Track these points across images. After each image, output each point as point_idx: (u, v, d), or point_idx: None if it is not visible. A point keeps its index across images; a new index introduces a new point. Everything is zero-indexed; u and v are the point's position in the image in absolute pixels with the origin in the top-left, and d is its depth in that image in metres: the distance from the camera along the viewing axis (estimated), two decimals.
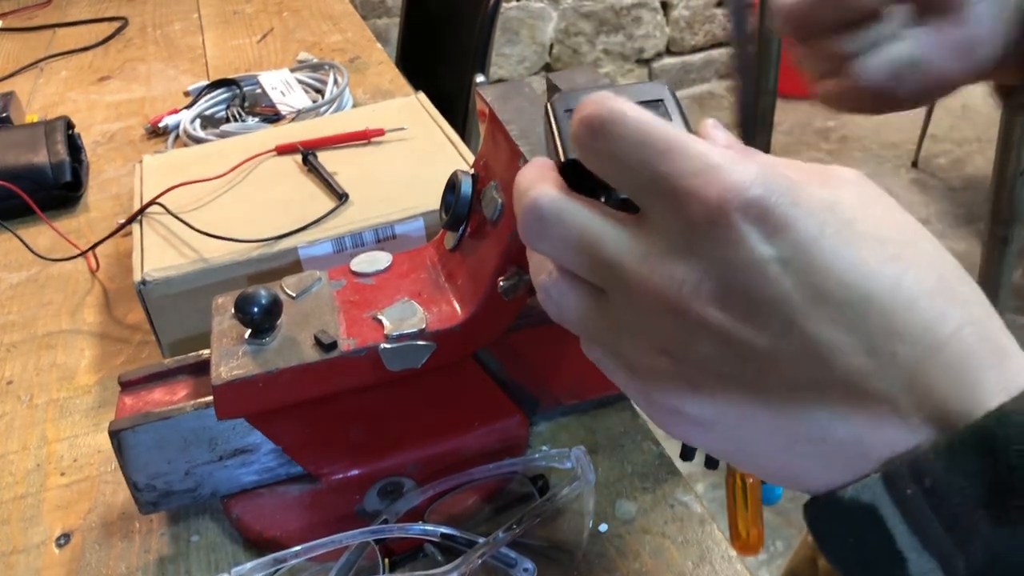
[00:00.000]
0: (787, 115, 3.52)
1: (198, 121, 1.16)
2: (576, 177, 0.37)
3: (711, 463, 0.49)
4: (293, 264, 0.71)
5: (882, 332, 0.31)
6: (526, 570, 0.49)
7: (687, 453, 0.51)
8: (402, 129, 0.88)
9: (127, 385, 0.58)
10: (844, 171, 0.35)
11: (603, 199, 0.36)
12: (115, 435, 0.53)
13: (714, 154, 0.32)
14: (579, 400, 0.63)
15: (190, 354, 0.60)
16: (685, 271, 0.32)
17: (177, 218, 0.75)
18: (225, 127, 1.13)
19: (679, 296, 0.32)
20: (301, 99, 1.18)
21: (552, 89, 0.51)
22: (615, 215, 0.35)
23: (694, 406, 0.34)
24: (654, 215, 0.33)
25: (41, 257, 0.90)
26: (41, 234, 0.96)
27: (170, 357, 0.73)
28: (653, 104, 0.38)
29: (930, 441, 0.31)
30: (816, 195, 0.32)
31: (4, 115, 1.21)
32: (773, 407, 0.32)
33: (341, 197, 0.75)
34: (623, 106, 0.34)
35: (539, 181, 0.37)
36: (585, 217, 0.35)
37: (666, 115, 0.38)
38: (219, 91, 1.21)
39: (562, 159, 0.38)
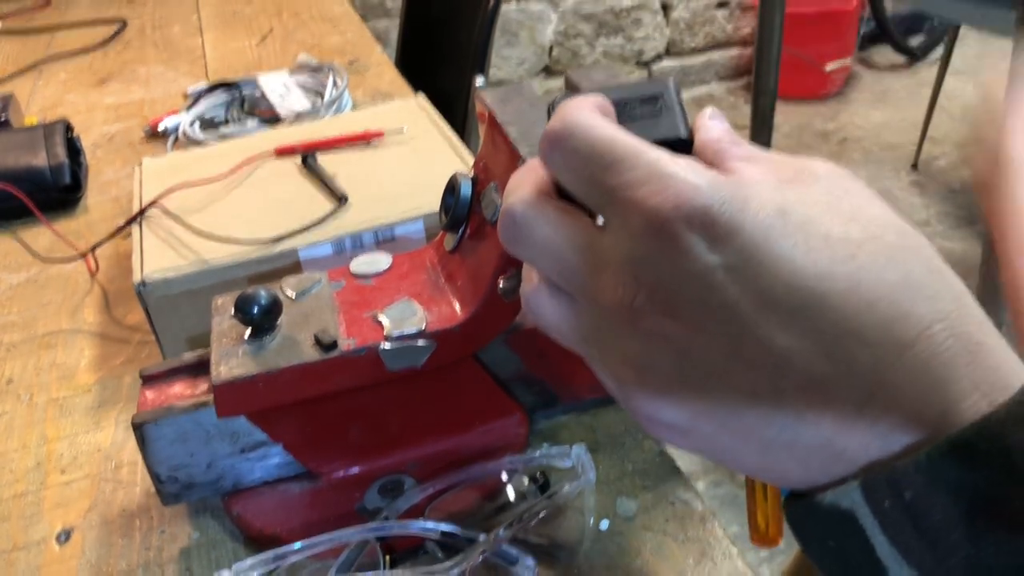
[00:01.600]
0: (787, 117, 3.52)
1: (197, 123, 1.16)
2: None
3: None
4: (293, 266, 0.72)
5: (837, 335, 0.30)
6: (527, 567, 0.49)
7: None
8: (402, 131, 0.88)
9: (149, 379, 0.58)
10: (817, 164, 0.34)
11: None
12: (138, 428, 0.53)
13: (662, 164, 0.32)
14: (599, 396, 0.63)
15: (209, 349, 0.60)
16: (636, 281, 0.32)
17: (177, 220, 0.75)
18: (224, 129, 1.13)
19: (632, 308, 0.33)
20: (300, 101, 1.18)
21: (570, 86, 0.52)
22: (584, 224, 0.35)
23: (665, 413, 0.34)
24: (610, 225, 0.34)
25: (41, 259, 0.90)
26: (41, 236, 0.96)
27: (170, 357, 0.73)
28: (651, 100, 0.38)
29: (907, 452, 0.30)
30: (767, 198, 0.31)
31: (3, 117, 1.21)
32: (739, 413, 0.32)
33: (340, 199, 0.76)
34: (583, 119, 0.34)
35: (519, 186, 0.37)
36: (552, 225, 0.35)
37: (662, 111, 0.38)
38: (218, 93, 1.21)
39: None
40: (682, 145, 0.37)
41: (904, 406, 0.30)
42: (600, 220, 0.35)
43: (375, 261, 0.59)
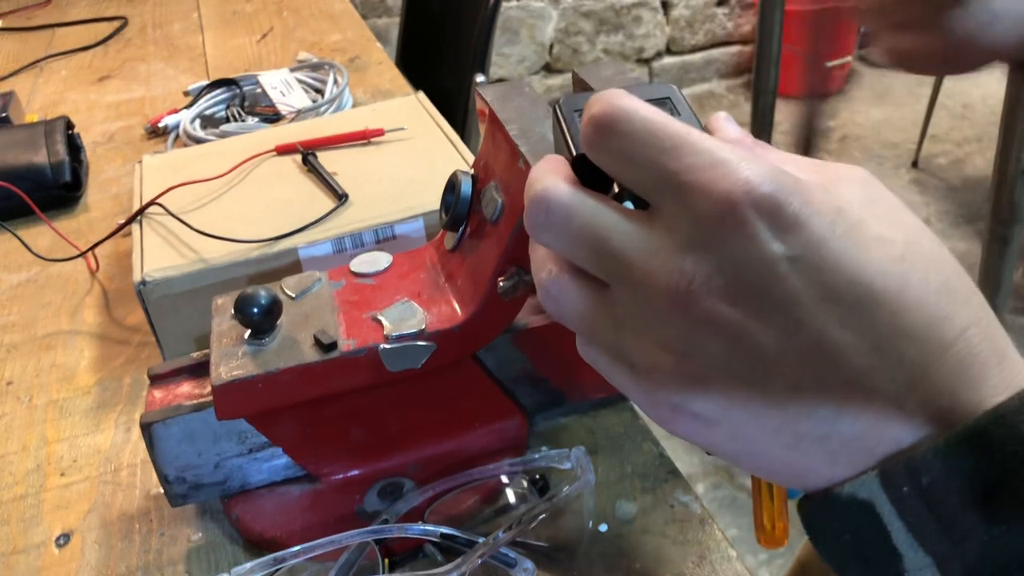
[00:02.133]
0: (788, 115, 3.52)
1: (198, 121, 1.16)
2: (587, 173, 0.37)
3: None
4: (293, 264, 0.71)
5: (889, 332, 0.31)
6: (526, 570, 0.49)
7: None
8: (402, 129, 0.87)
9: (156, 379, 0.58)
10: (850, 170, 0.35)
11: (613, 195, 0.37)
12: (146, 428, 0.53)
13: (723, 150, 0.32)
14: (606, 395, 0.63)
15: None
16: (694, 266, 0.32)
17: (177, 218, 0.75)
18: (225, 127, 1.13)
19: (688, 291, 0.32)
20: (301, 99, 1.18)
21: (577, 82, 0.51)
22: (624, 210, 0.35)
23: (698, 403, 0.34)
24: (664, 211, 0.33)
25: (41, 257, 0.90)
26: (41, 234, 0.96)
27: (170, 358, 0.73)
28: (660, 102, 0.38)
29: (927, 440, 0.31)
30: (824, 196, 0.32)
31: (4, 115, 1.21)
32: (779, 404, 0.32)
33: (341, 197, 0.75)
34: (631, 103, 0.34)
35: (548, 174, 0.37)
36: (593, 209, 0.35)
37: (674, 112, 0.38)
38: (219, 91, 1.21)
39: (573, 155, 0.38)
40: None
41: (941, 403, 0.31)
42: (649, 208, 0.34)
43: (375, 260, 0.59)
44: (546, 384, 0.61)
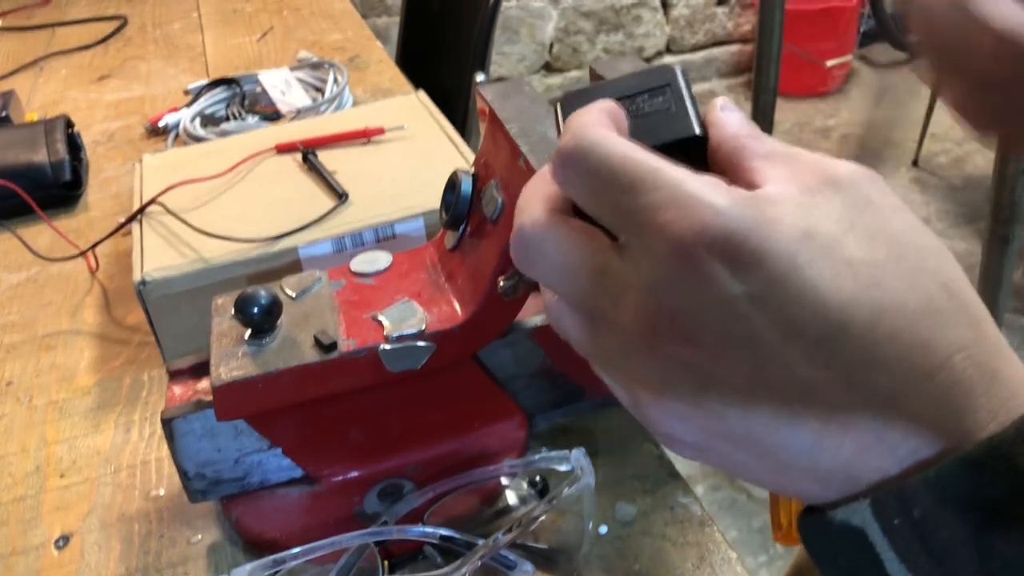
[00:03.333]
0: (787, 114, 3.51)
1: (198, 120, 1.16)
2: None
3: None
4: (293, 264, 0.71)
5: (860, 364, 0.30)
6: (526, 572, 0.49)
7: None
8: (402, 128, 0.87)
9: (176, 374, 0.58)
10: (840, 167, 0.33)
11: None
12: (167, 423, 0.53)
13: (685, 185, 0.31)
14: None
15: None
16: (658, 307, 0.32)
17: (177, 217, 0.75)
18: (225, 126, 1.13)
19: (654, 331, 0.32)
20: (301, 98, 1.18)
21: (595, 77, 0.51)
22: (600, 244, 0.34)
23: (683, 433, 0.33)
24: (630, 247, 0.33)
25: (41, 257, 0.89)
26: (41, 234, 0.96)
27: (170, 358, 0.73)
28: (660, 90, 0.37)
29: (917, 469, 0.30)
30: (792, 220, 0.30)
31: (4, 114, 1.21)
32: (755, 438, 0.32)
33: (341, 196, 0.75)
34: (597, 137, 0.33)
35: (530, 204, 0.36)
36: (566, 247, 0.34)
37: (672, 104, 0.37)
38: (219, 90, 1.21)
39: None
40: (696, 143, 0.36)
41: (923, 434, 0.30)
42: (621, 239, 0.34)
43: (375, 259, 0.59)
44: (565, 380, 0.61)
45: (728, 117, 0.36)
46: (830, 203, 0.32)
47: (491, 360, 0.58)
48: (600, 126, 0.34)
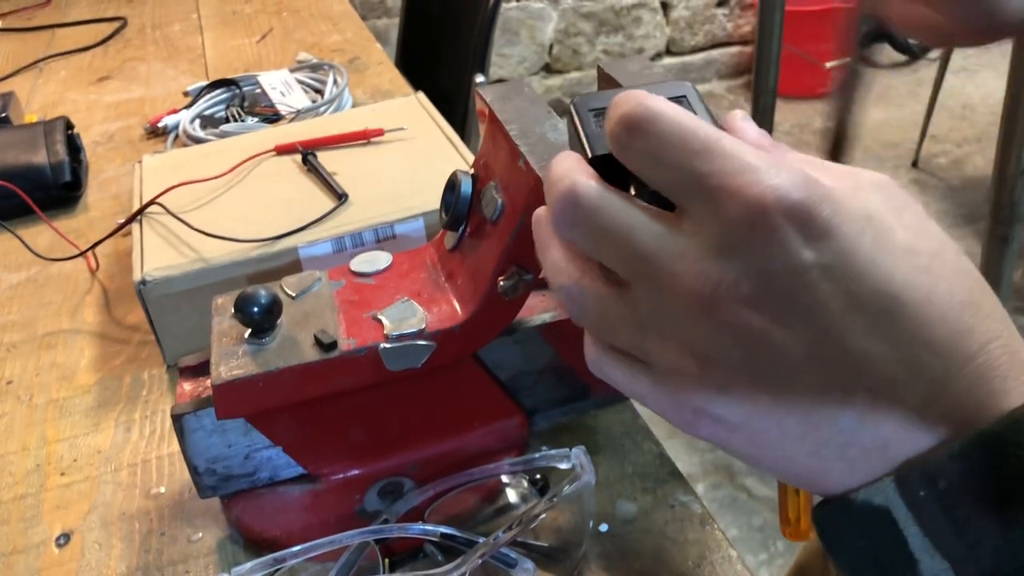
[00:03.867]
0: (787, 115, 3.52)
1: (197, 121, 1.16)
2: (605, 173, 0.36)
3: None
4: (293, 264, 0.71)
5: (913, 343, 0.31)
6: (526, 570, 0.49)
7: None
8: (402, 129, 0.87)
9: (186, 371, 0.58)
10: (872, 175, 0.34)
11: (634, 195, 0.36)
12: (177, 419, 0.53)
13: (752, 155, 0.32)
14: None
15: None
16: (721, 271, 0.32)
17: (177, 218, 0.75)
18: (225, 127, 1.13)
19: (714, 296, 0.32)
20: (301, 99, 1.18)
21: (603, 76, 0.51)
22: (651, 210, 0.34)
23: (721, 407, 0.33)
24: (692, 213, 0.33)
25: (41, 257, 0.89)
26: (41, 234, 0.96)
27: (170, 357, 0.73)
28: (676, 100, 0.38)
29: (943, 446, 0.31)
30: (853, 202, 0.32)
31: (3, 115, 1.21)
32: (802, 411, 0.32)
33: (341, 197, 0.75)
34: (661, 104, 0.34)
35: (575, 171, 0.36)
36: (622, 208, 0.35)
37: (690, 110, 0.38)
38: (218, 91, 1.21)
39: (589, 155, 0.38)
40: None
41: (962, 414, 0.31)
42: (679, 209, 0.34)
43: (375, 259, 0.59)
44: (572, 376, 0.61)
45: (748, 126, 0.37)
46: (876, 198, 0.33)
47: (499, 357, 0.59)
48: (655, 98, 0.34)
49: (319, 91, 1.22)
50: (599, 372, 0.38)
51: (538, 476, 0.56)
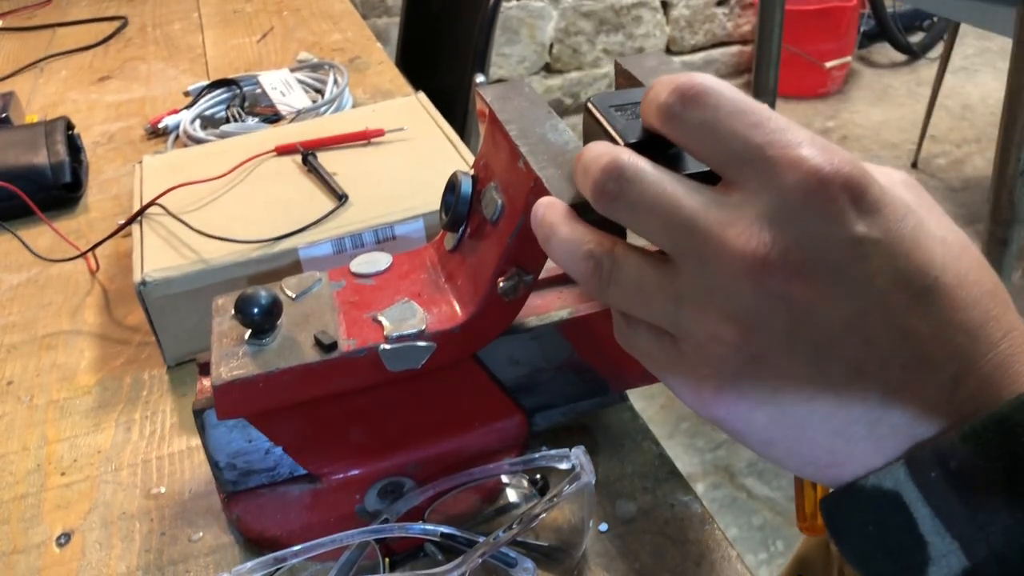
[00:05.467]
0: (787, 115, 3.50)
1: (198, 121, 1.16)
2: None
3: None
4: (293, 265, 0.71)
5: (949, 324, 0.32)
6: (526, 569, 0.49)
7: None
8: (402, 129, 0.88)
9: (205, 367, 0.58)
10: (902, 174, 0.36)
11: None
12: (199, 414, 0.53)
13: (804, 132, 0.33)
14: (649, 383, 0.62)
15: None
16: (772, 236, 0.32)
17: (177, 219, 0.75)
18: (225, 127, 1.13)
19: (763, 261, 0.32)
20: (301, 99, 1.18)
21: (621, 72, 0.52)
22: (695, 183, 0.35)
23: (750, 380, 0.34)
24: (743, 184, 0.34)
25: (41, 258, 0.90)
26: (41, 235, 0.96)
27: (170, 358, 0.73)
28: None
29: (955, 428, 0.32)
30: (893, 191, 0.33)
31: (4, 115, 1.21)
32: (834, 386, 0.33)
33: (341, 198, 0.75)
34: (714, 79, 0.35)
35: (614, 148, 0.37)
36: (667, 177, 0.35)
37: None
38: (219, 91, 1.21)
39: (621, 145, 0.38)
40: None
41: (986, 395, 0.32)
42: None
43: (375, 260, 0.59)
44: (590, 373, 0.61)
45: None
46: (905, 193, 0.35)
47: (517, 353, 0.59)
48: (707, 75, 0.36)
49: (319, 91, 1.22)
50: (627, 344, 0.39)
51: (538, 476, 0.56)
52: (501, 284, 0.51)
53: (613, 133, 0.40)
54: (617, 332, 0.39)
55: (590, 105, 0.43)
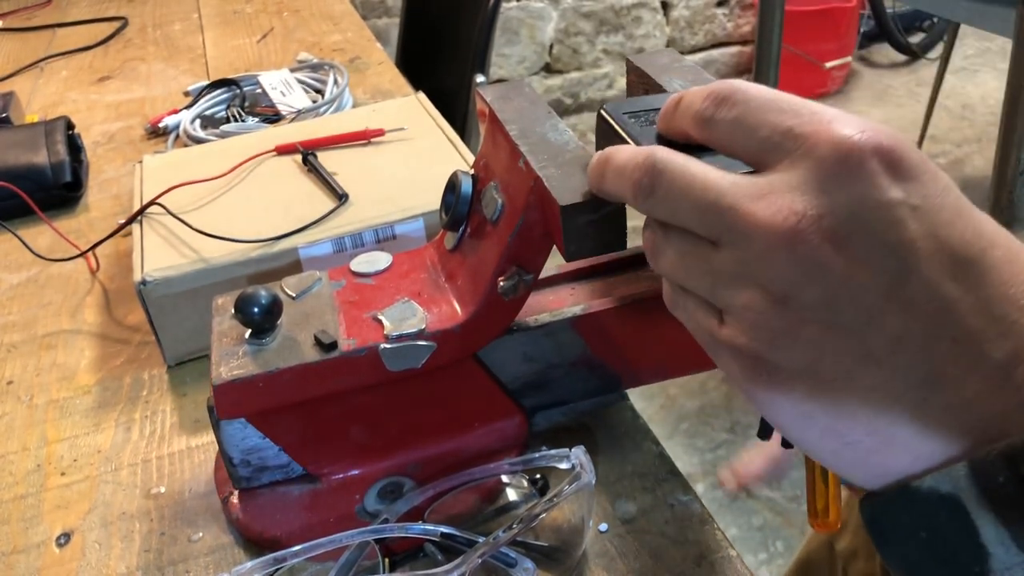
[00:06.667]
0: None
1: (198, 121, 1.16)
2: None
3: (765, 432, 0.48)
4: (293, 264, 0.71)
5: (999, 298, 0.31)
6: (526, 569, 0.49)
7: (765, 431, 0.49)
8: (402, 129, 0.88)
9: None
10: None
11: None
12: (213, 411, 0.53)
13: (832, 110, 0.33)
14: (662, 379, 0.62)
15: None
16: (805, 205, 0.32)
17: (177, 218, 0.75)
18: (225, 127, 1.13)
19: (796, 229, 0.32)
20: (301, 99, 1.18)
21: (633, 69, 0.52)
22: (724, 171, 0.36)
23: (787, 352, 0.33)
24: (775, 165, 0.34)
25: (41, 257, 0.90)
26: (41, 234, 0.96)
27: (171, 358, 0.73)
28: None
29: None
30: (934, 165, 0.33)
31: (4, 115, 1.21)
32: (875, 359, 0.32)
33: (341, 197, 0.75)
34: (741, 81, 0.36)
35: (647, 147, 0.38)
36: (701, 166, 0.36)
37: None
38: (219, 91, 1.21)
39: None
40: None
41: None
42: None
43: (375, 260, 0.59)
44: (603, 369, 0.61)
45: None
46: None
47: (530, 349, 0.59)
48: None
49: (319, 91, 1.22)
50: (673, 309, 0.39)
51: (538, 476, 0.56)
52: (501, 283, 0.51)
53: (629, 140, 0.41)
54: (665, 298, 0.39)
55: (603, 113, 0.44)
